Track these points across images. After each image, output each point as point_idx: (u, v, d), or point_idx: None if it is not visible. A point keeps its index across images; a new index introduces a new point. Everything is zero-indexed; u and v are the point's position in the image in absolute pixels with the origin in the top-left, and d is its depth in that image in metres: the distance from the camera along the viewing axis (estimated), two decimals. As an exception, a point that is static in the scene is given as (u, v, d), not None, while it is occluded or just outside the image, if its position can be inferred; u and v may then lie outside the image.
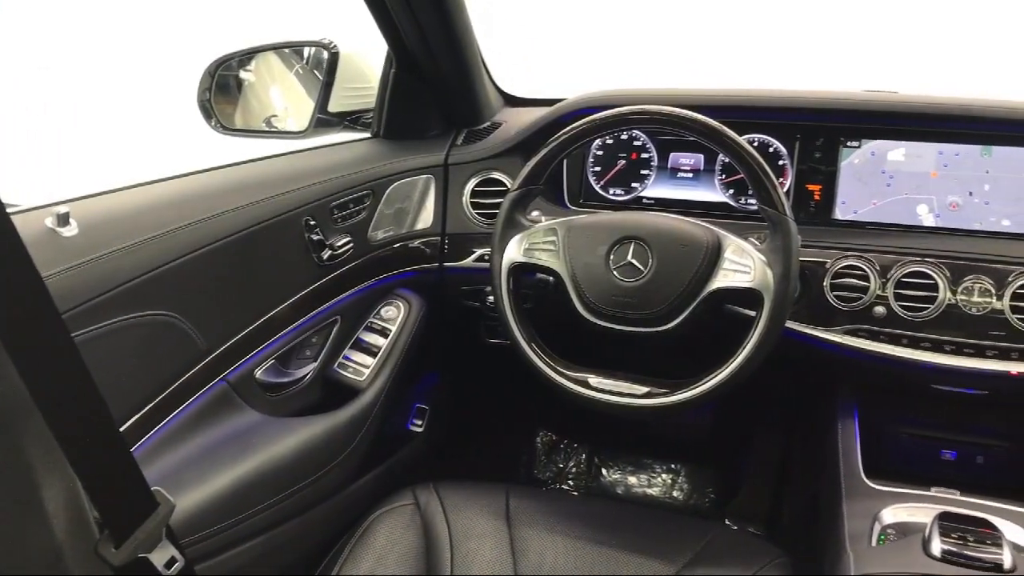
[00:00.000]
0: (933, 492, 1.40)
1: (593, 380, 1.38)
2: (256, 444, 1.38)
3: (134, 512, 0.87)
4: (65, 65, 3.88)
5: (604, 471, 2.30)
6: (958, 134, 1.51)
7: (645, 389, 1.35)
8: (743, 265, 1.31)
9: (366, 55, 1.82)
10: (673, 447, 2.28)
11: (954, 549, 1.13)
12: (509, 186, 1.45)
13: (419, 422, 1.90)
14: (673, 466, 2.27)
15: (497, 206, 1.45)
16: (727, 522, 2.14)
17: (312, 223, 1.49)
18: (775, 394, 1.99)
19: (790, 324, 1.47)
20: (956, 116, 1.49)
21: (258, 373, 1.44)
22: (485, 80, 1.81)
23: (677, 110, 1.35)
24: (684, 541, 1.39)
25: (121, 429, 1.17)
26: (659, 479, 2.27)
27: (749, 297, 1.31)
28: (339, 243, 1.54)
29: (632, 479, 2.28)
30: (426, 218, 1.72)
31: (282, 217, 1.43)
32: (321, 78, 1.75)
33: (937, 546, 1.15)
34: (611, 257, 1.36)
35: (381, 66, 1.75)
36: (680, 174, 1.68)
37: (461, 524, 1.42)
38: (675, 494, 2.25)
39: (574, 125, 1.40)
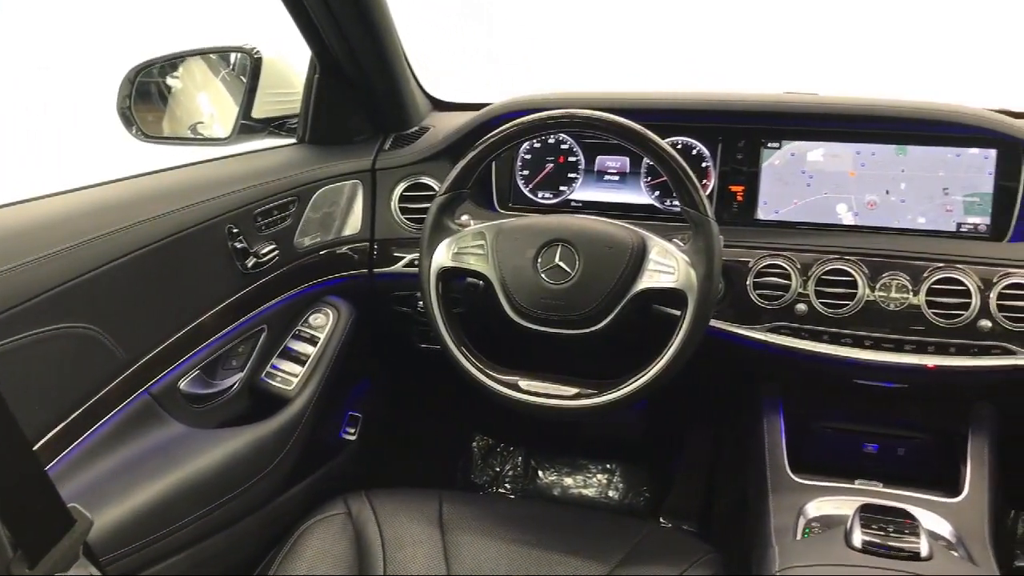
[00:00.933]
0: (857, 484, 1.43)
1: (523, 383, 1.39)
2: (180, 457, 1.36)
3: (49, 530, 0.84)
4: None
5: (540, 473, 2.31)
6: (874, 134, 1.55)
7: (574, 391, 1.36)
8: (667, 266, 1.33)
9: (291, 60, 1.80)
10: (608, 447, 2.30)
11: (874, 540, 1.16)
12: (437, 190, 1.45)
13: (352, 430, 1.88)
14: (608, 466, 2.29)
15: (426, 211, 1.44)
16: (661, 520, 2.16)
17: (235, 231, 1.47)
18: (706, 392, 2.01)
19: (716, 323, 1.49)
20: (871, 117, 1.53)
21: (182, 384, 1.41)
22: (412, 84, 1.80)
23: (600, 114, 1.36)
24: (616, 541, 1.39)
25: (36, 445, 1.14)
26: (595, 479, 2.28)
27: (674, 297, 1.33)
28: (264, 251, 1.52)
29: (568, 480, 2.29)
30: (354, 224, 1.71)
31: (204, 225, 1.41)
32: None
33: (858, 538, 1.18)
34: (539, 260, 1.37)
35: (306, 71, 1.74)
36: (607, 177, 1.70)
37: (394, 532, 1.41)
38: (611, 494, 2.27)
39: (500, 129, 1.40)
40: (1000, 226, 1.50)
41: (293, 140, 1.78)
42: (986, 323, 1.38)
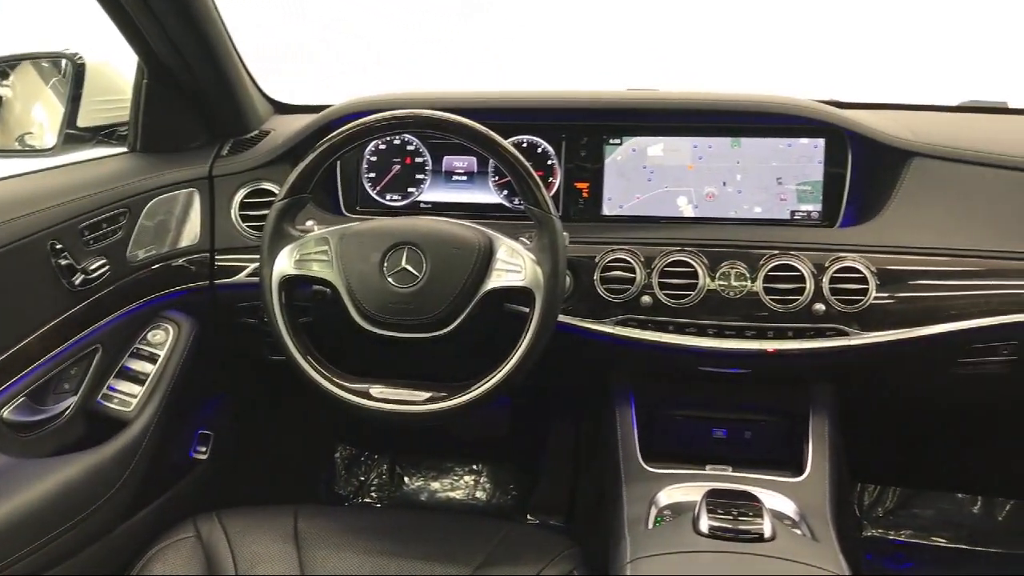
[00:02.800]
0: (708, 470, 1.47)
1: (374, 390, 1.36)
2: (5, 490, 1.27)
3: None
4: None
5: (406, 480, 2.28)
6: (710, 128, 1.60)
7: (427, 395, 1.35)
8: (514, 265, 1.33)
9: (119, 65, 1.72)
10: (474, 448, 2.29)
11: (720, 524, 1.19)
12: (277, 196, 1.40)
13: (203, 449, 1.80)
14: (475, 467, 2.28)
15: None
16: (529, 517, 2.17)
17: (59, 247, 1.38)
18: (566, 386, 2.03)
19: (566, 319, 1.50)
20: (705, 111, 1.58)
21: (6, 413, 1.32)
22: (248, 87, 1.74)
23: (441, 114, 1.35)
24: (477, 542, 1.39)
25: None
26: (461, 482, 2.27)
27: (523, 296, 1.33)
28: (93, 266, 1.44)
29: (435, 484, 2.27)
30: (191, 234, 1.63)
31: (22, 242, 1.32)
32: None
33: (705, 523, 1.20)
34: (385, 264, 1.35)
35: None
36: (455, 177, 1.69)
37: (247, 552, 1.36)
38: (478, 495, 2.26)
39: (339, 131, 1.37)
40: (831, 213, 1.56)
41: (124, 149, 1.69)
42: (820, 307, 1.43)
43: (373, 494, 2.27)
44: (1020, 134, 1.64)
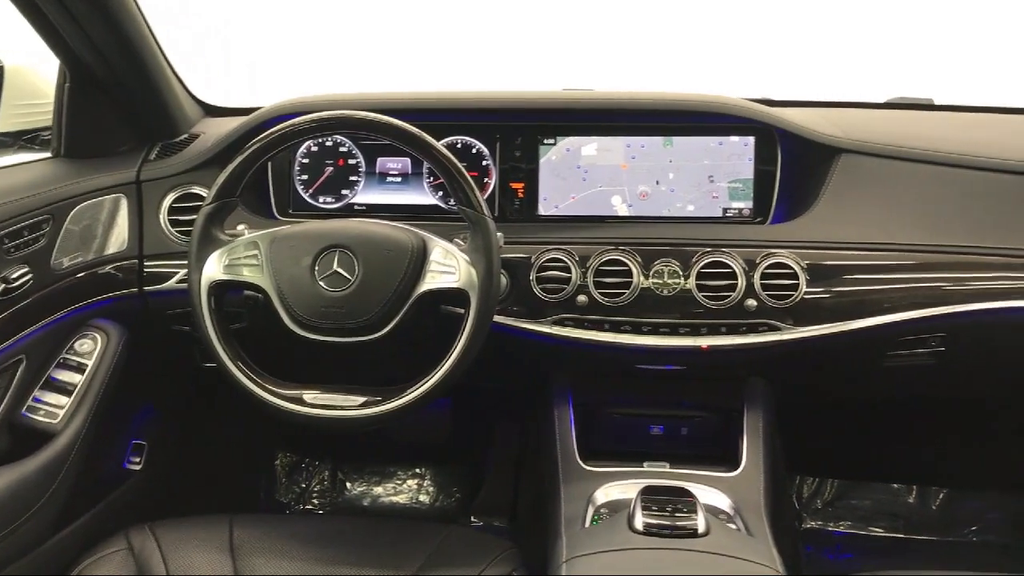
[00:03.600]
0: (645, 467, 1.48)
1: (308, 396, 1.34)
2: None
3: None
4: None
5: (348, 485, 2.26)
6: (643, 127, 1.61)
7: (361, 399, 1.33)
8: (448, 266, 1.33)
9: (41, 68, 1.67)
10: (417, 451, 2.28)
11: (654, 521, 1.20)
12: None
13: (137, 459, 1.76)
14: (418, 471, 2.27)
15: None
16: (472, 520, 2.16)
17: None
18: (507, 387, 2.03)
19: (503, 320, 1.50)
20: (637, 110, 1.59)
21: None
22: (176, 89, 1.71)
23: (370, 115, 1.34)
24: (416, 547, 1.37)
25: None
26: (404, 486, 2.25)
27: (458, 297, 1.33)
28: (15, 275, 1.39)
29: (378, 489, 2.25)
30: (119, 240, 1.60)
31: None
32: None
33: (640, 520, 1.21)
34: (316, 267, 1.33)
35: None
36: (389, 179, 1.67)
37: (180, 564, 1.33)
38: (422, 499, 2.25)
39: (266, 133, 1.35)
40: (762, 209, 1.58)
41: (48, 154, 1.65)
42: (752, 302, 1.45)
43: (315, 501, 2.24)
44: (945, 129, 1.68)
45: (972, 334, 1.49)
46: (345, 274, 1.32)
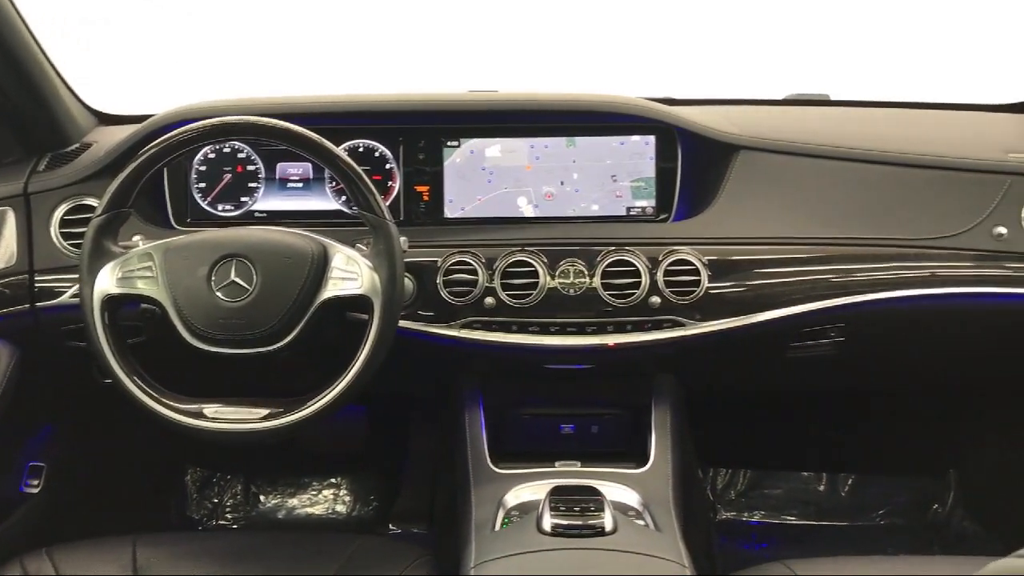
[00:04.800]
0: (557, 467, 1.48)
1: (209, 410, 1.31)
2: None
3: None
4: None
5: (262, 499, 2.21)
6: (546, 128, 1.61)
7: (265, 411, 1.30)
8: (351, 273, 1.31)
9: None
10: (332, 461, 2.24)
11: (562, 521, 1.20)
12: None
13: (35, 482, 1.70)
14: (333, 480, 2.24)
15: None
16: (391, 527, 2.14)
17: None
18: (420, 392, 2.01)
19: (410, 324, 1.48)
20: (538, 111, 1.59)
21: None
22: (65, 98, 1.65)
23: (265, 120, 1.31)
24: (327, 558, 1.35)
25: None
26: (320, 496, 2.22)
27: (361, 304, 1.31)
28: None
29: (293, 501, 2.22)
30: (7, 255, 1.53)
31: None
32: None
33: (548, 521, 1.21)
34: (213, 278, 1.30)
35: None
36: (290, 184, 1.64)
37: None
38: (338, 508, 2.21)
39: (158, 141, 1.31)
40: (664, 207, 1.60)
41: (-72, 168, 1.57)
42: (656, 299, 1.47)
43: (228, 516, 2.19)
44: (841, 125, 1.72)
45: (869, 324, 1.53)
46: (243, 284, 1.29)
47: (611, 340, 1.48)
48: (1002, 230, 1.52)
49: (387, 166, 1.62)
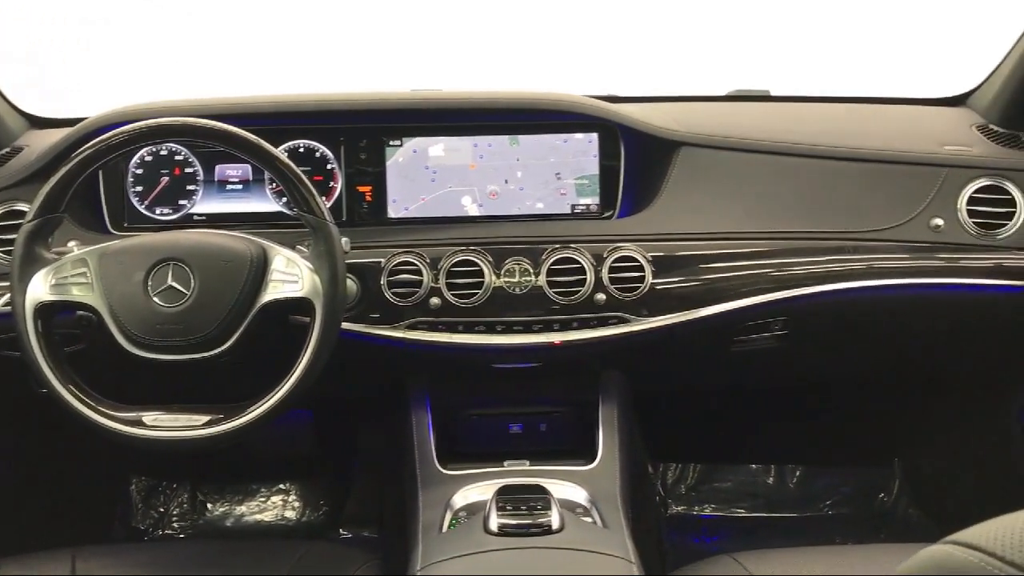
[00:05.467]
0: (506, 466, 1.47)
1: (148, 418, 1.28)
2: None
3: None
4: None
5: (209, 506, 2.18)
6: (489, 127, 1.60)
7: (206, 418, 1.28)
8: (291, 275, 1.29)
9: None
10: (280, 466, 2.21)
11: (509, 521, 1.19)
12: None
13: None
14: (282, 486, 2.21)
15: None
16: (342, 532, 2.12)
17: None
18: (368, 395, 1.99)
19: (355, 327, 1.47)
20: (480, 109, 1.58)
21: None
22: None
23: (201, 121, 1.29)
24: (274, 565, 1.33)
25: None
26: (269, 502, 2.19)
27: (303, 306, 1.29)
28: None
29: (241, 508, 2.18)
30: None
31: None
32: None
33: (495, 521, 1.20)
34: (150, 283, 1.27)
35: None
36: (229, 186, 1.61)
37: None
38: (288, 515, 2.19)
39: (90, 144, 1.28)
40: (609, 204, 1.60)
41: None
42: (601, 296, 1.47)
43: (175, 525, 2.15)
44: (782, 120, 1.74)
45: (810, 317, 1.55)
46: (181, 288, 1.27)
47: (557, 338, 1.47)
48: (939, 221, 1.55)
49: (328, 166, 1.60)
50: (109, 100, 1.65)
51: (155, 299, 1.26)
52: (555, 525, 1.20)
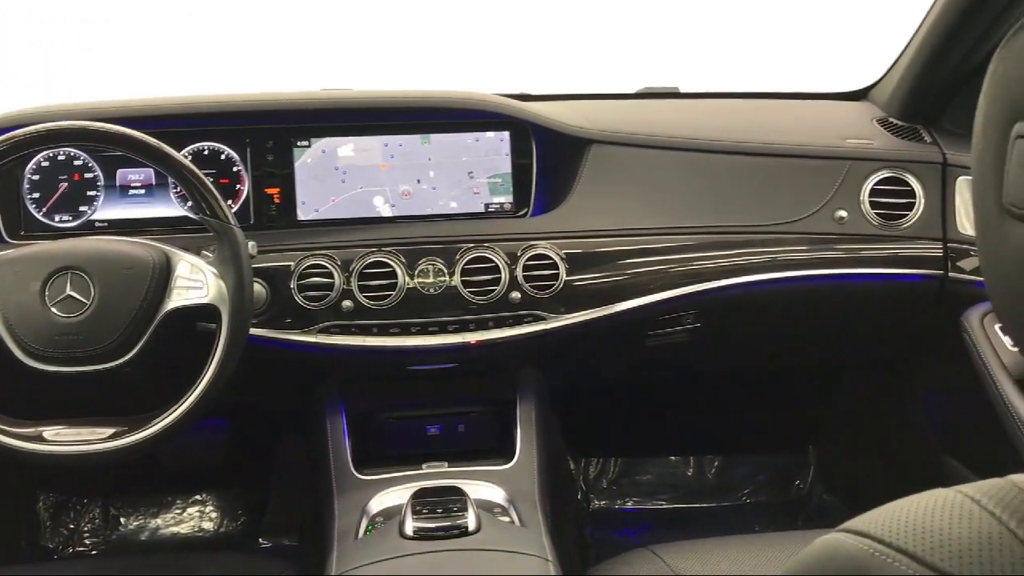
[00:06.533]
0: (424, 469, 1.46)
1: (49, 432, 1.24)
2: None
3: None
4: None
5: (123, 521, 2.11)
6: (400, 126, 1.58)
7: (110, 431, 1.24)
8: (196, 281, 1.26)
9: None
10: (196, 477, 2.16)
11: (425, 524, 1.18)
12: None
13: None
14: (199, 497, 2.15)
15: None
16: (261, 541, 2.08)
17: None
18: (284, 402, 1.96)
19: (265, 332, 1.44)
20: (389, 108, 1.57)
21: None
22: None
23: (96, 124, 1.25)
24: None
25: None
26: (185, 514, 2.13)
27: (209, 313, 1.26)
28: None
29: (156, 522, 2.12)
30: None
31: None
32: None
33: (410, 525, 1.19)
34: (47, 292, 1.23)
35: None
36: (132, 191, 1.56)
37: None
38: (205, 526, 2.13)
39: None
40: (522, 203, 1.60)
41: None
42: (516, 294, 1.47)
43: (87, 542, 2.07)
44: (690, 117, 1.76)
45: (721, 309, 1.57)
46: (80, 298, 1.23)
47: (473, 338, 1.47)
48: (843, 213, 1.59)
49: (235, 169, 1.56)
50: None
51: (53, 309, 1.22)
52: (471, 526, 1.19)
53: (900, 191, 1.61)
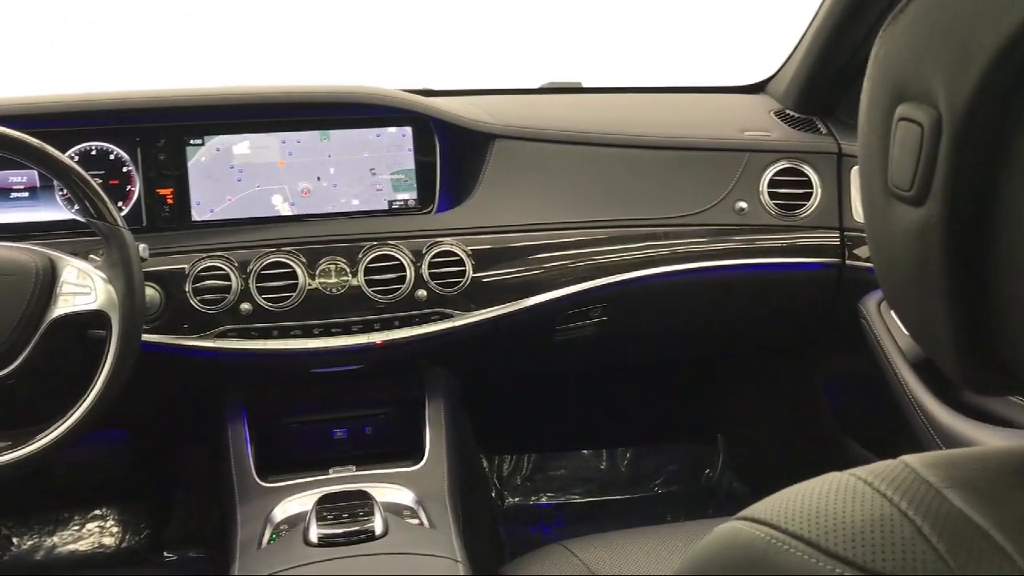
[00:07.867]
0: (331, 474, 1.43)
1: None
2: None
3: None
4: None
5: (15, 541, 2.01)
6: (297, 122, 1.54)
7: None
8: (83, 287, 1.21)
9: None
10: (94, 491, 2.07)
11: (330, 531, 1.16)
12: None
13: None
14: (98, 512, 2.06)
15: None
16: (166, 554, 2.00)
17: None
18: (184, 410, 1.89)
19: (159, 338, 1.38)
20: (285, 104, 1.53)
21: None
22: None
23: None
24: None
25: None
26: (84, 530, 2.04)
27: (98, 319, 1.21)
28: None
29: (52, 540, 2.02)
30: None
31: None
32: None
33: (314, 532, 1.16)
34: None
35: None
36: (14, 194, 1.48)
37: None
38: (106, 542, 2.04)
39: None
40: (427, 199, 1.57)
41: None
42: (422, 292, 1.44)
43: (-24, 565, 1.97)
44: (593, 111, 1.77)
45: (626, 302, 1.58)
46: None
47: (379, 338, 1.44)
48: (743, 204, 1.61)
49: (125, 169, 1.50)
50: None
51: None
52: (378, 530, 1.17)
53: (797, 181, 1.64)
